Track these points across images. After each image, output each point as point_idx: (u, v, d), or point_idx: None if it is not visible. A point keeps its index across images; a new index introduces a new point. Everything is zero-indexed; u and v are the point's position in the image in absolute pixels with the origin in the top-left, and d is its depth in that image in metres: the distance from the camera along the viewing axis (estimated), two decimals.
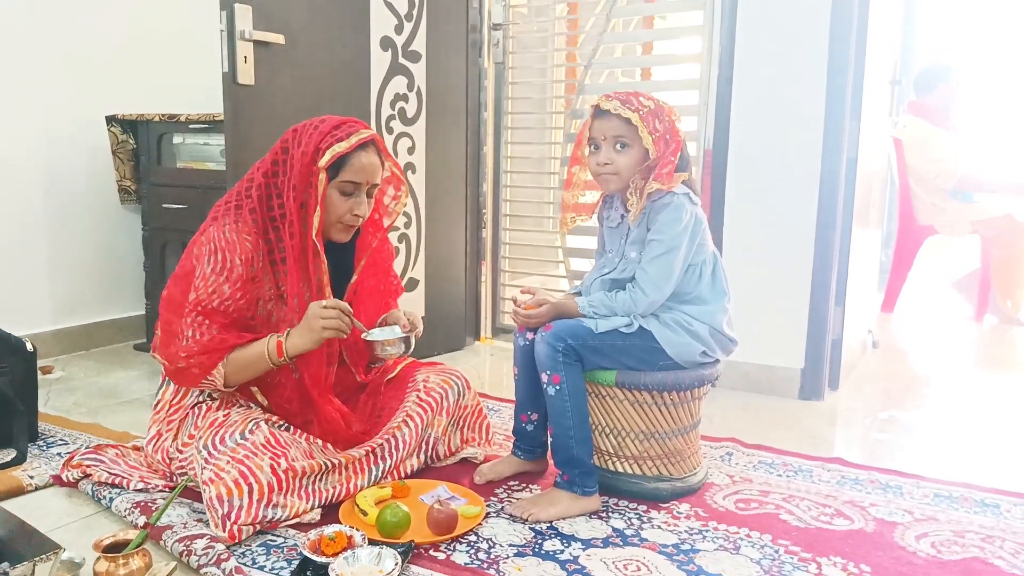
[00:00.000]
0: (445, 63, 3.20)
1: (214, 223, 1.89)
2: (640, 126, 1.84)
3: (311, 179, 1.84)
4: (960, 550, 1.73)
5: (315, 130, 1.86)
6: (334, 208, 1.89)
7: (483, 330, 3.62)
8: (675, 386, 1.92)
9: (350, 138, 1.85)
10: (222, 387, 1.86)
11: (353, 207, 1.90)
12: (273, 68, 2.51)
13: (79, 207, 3.24)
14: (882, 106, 3.34)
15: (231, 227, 1.86)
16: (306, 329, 1.81)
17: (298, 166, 1.84)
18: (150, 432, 1.99)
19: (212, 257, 1.84)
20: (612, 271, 1.98)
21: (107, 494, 1.87)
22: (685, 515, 1.88)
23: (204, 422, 1.85)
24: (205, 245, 1.86)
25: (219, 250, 1.84)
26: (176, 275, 1.92)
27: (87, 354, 3.26)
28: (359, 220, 1.93)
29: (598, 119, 1.90)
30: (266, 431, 1.80)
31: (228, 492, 1.66)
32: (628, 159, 1.88)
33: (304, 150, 1.84)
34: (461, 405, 2.14)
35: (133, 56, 3.34)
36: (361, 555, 1.55)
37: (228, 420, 1.82)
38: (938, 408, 2.84)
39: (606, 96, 1.90)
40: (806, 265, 2.75)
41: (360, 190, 1.90)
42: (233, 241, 1.85)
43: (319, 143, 1.84)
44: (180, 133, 3.13)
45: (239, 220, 1.87)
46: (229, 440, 1.75)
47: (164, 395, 2.00)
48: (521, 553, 1.68)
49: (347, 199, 1.89)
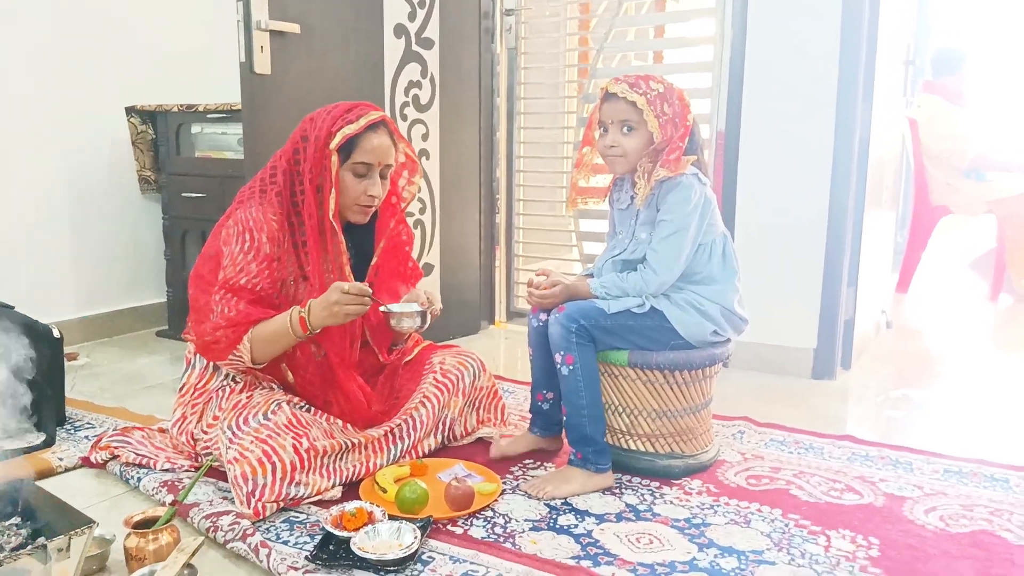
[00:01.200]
0: (458, 49, 3.22)
1: (240, 206, 1.95)
2: (646, 110, 1.87)
3: (325, 162, 1.89)
4: (968, 523, 1.76)
5: (328, 115, 1.92)
6: (349, 190, 1.93)
7: (498, 314, 3.66)
8: (686, 365, 1.95)
9: (359, 120, 1.90)
10: (251, 363, 1.90)
11: (367, 188, 1.94)
12: (289, 57, 2.54)
13: (101, 197, 3.30)
14: (896, 86, 3.34)
15: (257, 209, 1.92)
16: (329, 313, 1.83)
17: (312, 150, 1.89)
18: (175, 415, 2.04)
19: (240, 237, 1.90)
20: (623, 252, 2.01)
21: (135, 474, 1.92)
22: (697, 491, 1.91)
23: (228, 404, 1.91)
24: (233, 227, 1.92)
25: (246, 230, 1.90)
26: (204, 255, 1.98)
27: (111, 341, 3.32)
28: (374, 201, 1.97)
29: (607, 102, 1.93)
30: (288, 412, 1.84)
31: (252, 471, 1.71)
32: (634, 142, 1.91)
33: (318, 134, 1.89)
34: (477, 386, 2.18)
35: (151, 47, 3.39)
36: (381, 530, 1.59)
37: (251, 402, 1.87)
38: (951, 387, 2.85)
39: (616, 79, 1.92)
40: (819, 246, 2.77)
41: (373, 171, 1.94)
42: (260, 220, 1.90)
43: (331, 126, 1.89)
44: (198, 123, 3.17)
45: (264, 203, 1.93)
46: (252, 421, 1.80)
47: (189, 379, 2.06)
48: (536, 527, 1.72)
49: (361, 180, 1.93)
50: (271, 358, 1.92)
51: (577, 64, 3.92)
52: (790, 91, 2.75)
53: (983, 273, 4.57)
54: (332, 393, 1.99)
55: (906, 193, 4.72)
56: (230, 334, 1.86)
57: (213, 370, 2.04)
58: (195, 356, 2.07)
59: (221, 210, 3.02)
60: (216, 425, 1.90)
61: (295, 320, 1.85)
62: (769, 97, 2.79)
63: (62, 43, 3.09)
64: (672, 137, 1.89)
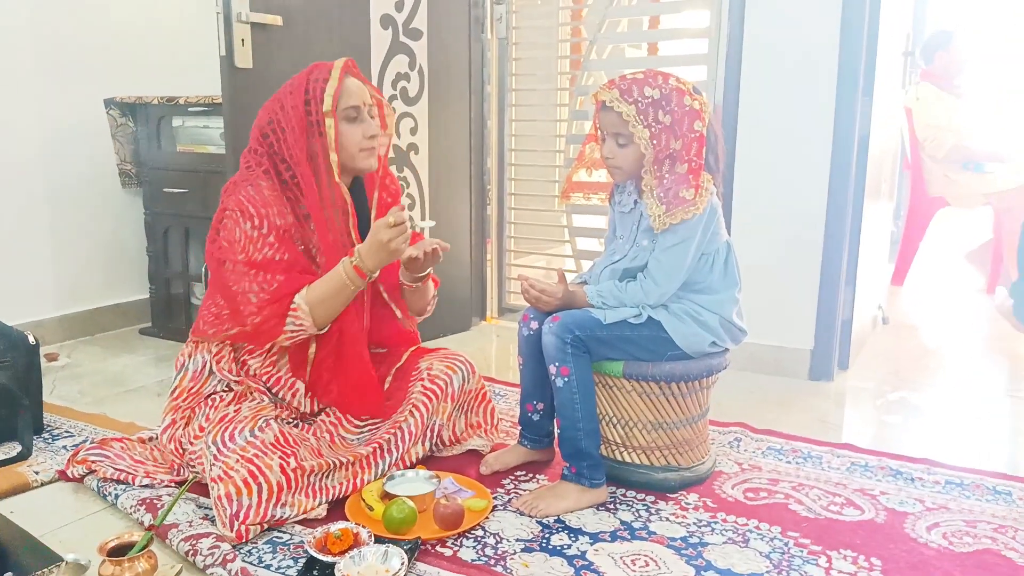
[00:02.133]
0: (447, 40, 3.14)
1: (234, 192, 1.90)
2: (633, 121, 1.77)
3: (312, 129, 1.86)
4: (972, 541, 1.72)
5: (291, 94, 1.89)
6: (348, 139, 1.90)
7: (489, 310, 3.60)
8: (683, 377, 1.89)
9: (331, 74, 1.88)
10: (314, 328, 1.87)
11: (364, 130, 1.92)
12: (271, 50, 2.46)
13: (80, 192, 3.22)
14: (895, 78, 3.27)
15: (255, 188, 1.88)
16: (382, 251, 1.82)
17: (293, 126, 1.86)
18: (164, 420, 1.98)
19: (246, 219, 1.87)
20: (623, 258, 1.93)
21: (112, 490, 1.85)
22: (693, 506, 1.86)
23: (215, 415, 1.84)
24: (234, 213, 1.87)
25: (250, 211, 1.86)
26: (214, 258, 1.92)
27: (92, 340, 3.26)
28: (375, 141, 1.95)
29: (601, 111, 1.85)
30: (276, 429, 1.79)
31: (237, 491, 1.65)
32: (629, 155, 1.83)
33: (294, 107, 1.86)
34: (466, 390, 2.12)
35: (131, 37, 3.30)
36: (367, 554, 1.54)
37: (238, 416, 1.81)
38: (948, 387, 2.81)
39: (609, 84, 1.82)
40: (816, 245, 2.71)
41: (362, 113, 1.92)
42: (263, 200, 1.87)
43: (305, 97, 1.86)
44: (179, 116, 3.09)
45: (259, 181, 1.90)
46: (239, 438, 1.74)
47: (182, 382, 2.00)
48: (528, 548, 1.67)
49: (355, 125, 1.91)
50: (333, 319, 1.90)
51: (570, 55, 3.84)
52: (788, 85, 2.68)
53: (980, 266, 4.52)
54: (342, 373, 1.96)
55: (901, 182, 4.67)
56: (276, 309, 1.83)
57: (208, 374, 1.99)
58: (189, 359, 2.01)
59: (204, 205, 3.03)
60: (202, 437, 1.84)
61: (350, 271, 1.83)
62: (766, 91, 2.72)
63: (40, 33, 3.00)
64: (668, 146, 1.78)
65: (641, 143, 1.78)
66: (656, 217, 1.79)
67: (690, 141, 1.79)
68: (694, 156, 1.79)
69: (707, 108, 1.83)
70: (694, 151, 1.79)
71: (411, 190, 3.07)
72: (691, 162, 1.79)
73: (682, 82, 1.82)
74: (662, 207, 1.79)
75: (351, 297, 1.89)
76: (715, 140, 1.87)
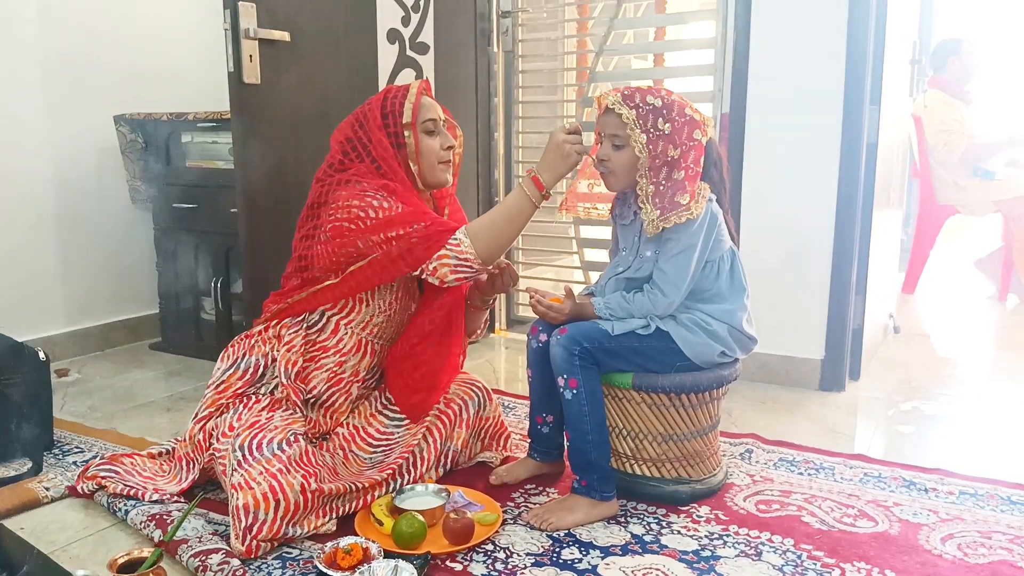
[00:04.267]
0: (454, 53, 3.15)
1: (348, 196, 1.86)
2: (631, 123, 1.78)
3: (392, 141, 1.90)
4: (987, 552, 1.70)
5: (368, 112, 1.93)
6: (430, 150, 1.94)
7: (498, 322, 3.59)
8: (693, 387, 1.88)
9: (409, 91, 1.94)
10: (478, 263, 1.82)
11: (442, 142, 1.96)
12: (279, 66, 2.47)
13: (90, 207, 3.23)
14: (902, 86, 3.26)
15: (360, 189, 1.87)
16: (557, 157, 1.83)
17: (379, 138, 1.90)
18: (202, 411, 1.92)
19: (375, 199, 1.84)
20: (627, 269, 1.93)
21: (122, 506, 1.85)
22: (705, 519, 1.85)
23: (246, 418, 1.81)
24: (353, 203, 1.84)
25: (371, 196, 1.85)
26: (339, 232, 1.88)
27: (102, 355, 3.26)
28: (451, 153, 1.99)
29: (603, 114, 1.85)
30: (303, 446, 1.76)
31: (255, 504, 1.63)
32: (623, 158, 1.83)
33: (373, 120, 1.91)
34: (482, 417, 2.11)
35: (140, 54, 3.32)
36: (377, 569, 1.52)
37: (269, 424, 1.78)
38: (961, 397, 2.78)
39: (613, 90, 1.84)
40: (825, 254, 2.70)
41: (439, 126, 1.97)
42: (371, 193, 1.86)
43: (383, 111, 1.92)
44: (188, 132, 3.10)
45: (362, 182, 1.89)
46: (266, 449, 1.71)
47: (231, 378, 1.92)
48: (539, 563, 1.66)
49: (433, 137, 1.95)
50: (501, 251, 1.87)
51: (576, 67, 3.84)
52: (795, 94, 2.68)
53: (991, 273, 4.49)
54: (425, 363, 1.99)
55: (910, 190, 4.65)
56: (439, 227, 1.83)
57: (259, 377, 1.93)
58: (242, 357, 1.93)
59: (213, 220, 3.03)
60: (230, 436, 1.79)
61: (528, 185, 1.84)
62: (773, 100, 2.71)
63: (50, 50, 3.02)
64: (665, 153, 1.78)
65: (636, 146, 1.78)
66: (651, 221, 1.79)
67: (688, 149, 1.79)
68: (691, 163, 1.80)
69: (709, 123, 1.85)
70: (692, 159, 1.80)
71: None
72: (688, 169, 1.79)
73: (685, 99, 1.84)
74: (656, 212, 1.78)
75: (526, 220, 1.86)
76: (718, 158, 1.89)
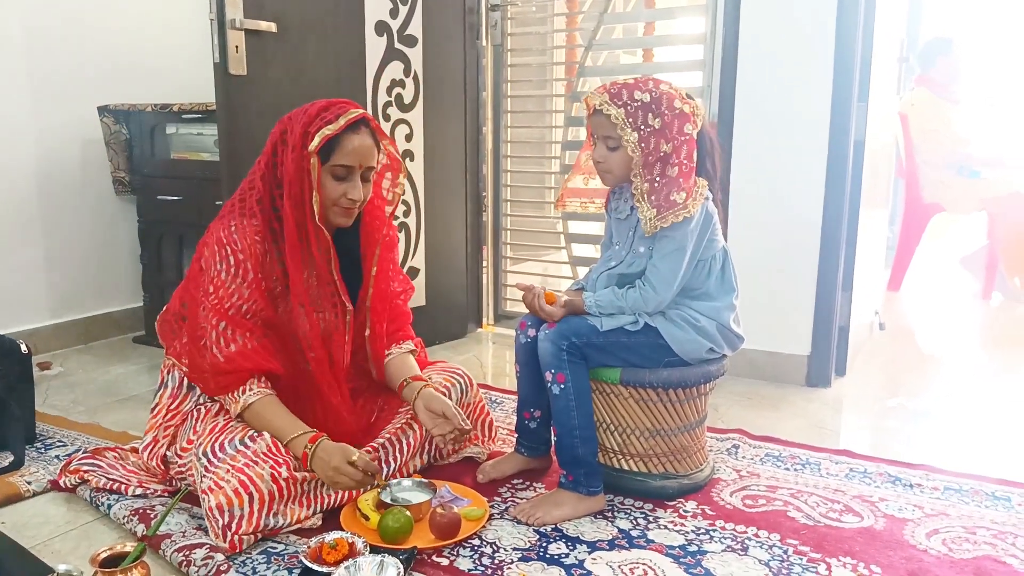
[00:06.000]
0: (442, 47, 3.12)
1: (220, 221, 1.85)
2: (621, 123, 1.76)
3: (303, 164, 1.78)
4: (972, 547, 1.70)
5: (304, 114, 1.81)
6: (328, 192, 1.82)
7: (485, 317, 3.58)
8: (681, 383, 1.88)
9: (339, 119, 1.78)
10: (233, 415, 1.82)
11: (347, 191, 1.83)
12: (265, 57, 2.44)
13: (74, 199, 3.20)
14: (890, 84, 3.27)
15: (237, 225, 1.82)
16: (325, 470, 1.73)
17: (290, 152, 1.79)
18: (146, 438, 1.95)
19: (224, 260, 1.81)
20: (619, 264, 1.92)
21: (105, 500, 1.83)
22: (692, 514, 1.85)
23: (203, 427, 1.81)
24: (215, 248, 1.82)
25: (230, 254, 1.81)
26: (190, 275, 1.89)
27: (85, 348, 3.23)
28: (355, 204, 1.86)
29: (593, 115, 1.84)
30: (268, 439, 1.75)
31: (228, 502, 1.62)
32: (619, 159, 1.82)
33: (294, 135, 1.79)
34: (464, 403, 2.10)
35: (125, 45, 3.28)
36: (363, 564, 1.51)
37: (228, 426, 1.78)
38: (946, 393, 2.80)
39: (600, 89, 1.82)
40: (812, 250, 2.70)
41: (353, 174, 1.83)
42: (240, 239, 1.81)
43: (307, 126, 1.79)
44: (173, 123, 3.07)
45: (244, 214, 1.84)
46: (229, 447, 1.71)
47: (162, 398, 1.96)
48: (526, 557, 1.65)
49: (341, 183, 1.83)
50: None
51: (565, 61, 3.83)
52: (784, 90, 2.68)
53: (975, 271, 4.52)
54: (309, 401, 1.90)
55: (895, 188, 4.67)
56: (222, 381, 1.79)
57: (188, 389, 1.95)
58: (168, 374, 1.97)
59: (198, 213, 3.01)
60: (190, 449, 1.81)
61: (296, 448, 1.75)
62: (762, 97, 2.71)
63: (33, 41, 2.98)
64: (657, 149, 1.76)
65: (629, 146, 1.77)
66: (647, 220, 1.78)
67: (680, 144, 1.77)
68: (685, 159, 1.78)
69: (700, 113, 1.82)
70: (684, 154, 1.78)
71: (406, 197, 3.05)
72: (682, 165, 1.78)
73: (674, 88, 1.82)
74: (653, 210, 1.77)
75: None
76: (711, 147, 1.87)
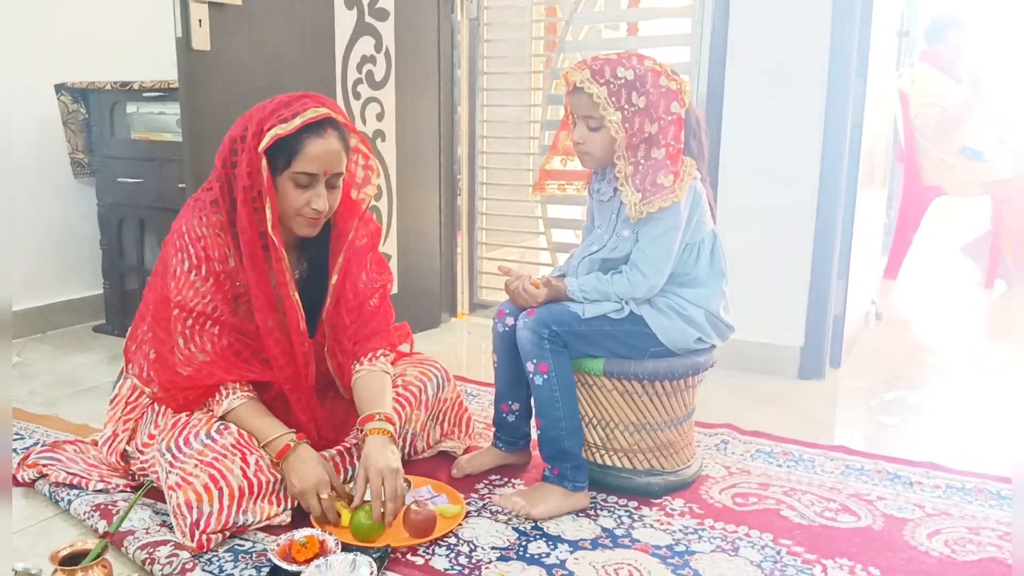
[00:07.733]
0: (415, 20, 3.01)
1: (183, 217, 1.73)
2: (603, 103, 1.66)
3: (254, 165, 1.63)
4: (976, 549, 1.62)
5: (262, 110, 1.65)
6: (289, 201, 1.66)
7: (460, 305, 3.48)
8: (667, 375, 1.79)
9: (294, 119, 1.61)
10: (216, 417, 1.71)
11: (310, 201, 1.66)
12: (229, 31, 2.33)
13: (30, 182, 3.07)
14: (889, 60, 3.17)
15: (199, 220, 1.70)
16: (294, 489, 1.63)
17: (246, 152, 1.64)
18: (105, 432, 1.86)
19: (185, 257, 1.69)
20: (602, 249, 1.81)
21: (65, 495, 1.75)
22: (679, 512, 1.76)
23: (165, 421, 1.71)
24: (176, 241, 1.70)
25: (189, 245, 1.69)
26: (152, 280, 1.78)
27: (43, 337, 3.12)
28: (320, 215, 1.69)
29: (572, 93, 1.73)
30: (235, 432, 1.66)
31: (198, 498, 1.54)
32: (600, 139, 1.72)
33: (252, 132, 1.63)
34: (440, 398, 2.00)
35: (82, 19, 3.14)
36: (334, 562, 1.46)
37: (192, 418, 1.68)
38: (945, 387, 2.71)
39: (580, 65, 1.71)
40: (807, 237, 2.61)
41: (317, 181, 1.66)
42: (203, 236, 1.69)
43: (262, 123, 1.63)
44: (134, 102, 2.94)
45: (205, 211, 1.71)
46: (195, 441, 1.61)
47: (121, 390, 1.87)
48: (504, 557, 1.58)
49: (304, 191, 1.66)
50: None
51: (544, 36, 3.71)
52: (777, 67, 2.58)
53: (977, 258, 4.42)
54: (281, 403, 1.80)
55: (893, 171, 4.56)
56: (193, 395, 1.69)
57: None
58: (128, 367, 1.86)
59: (160, 196, 2.90)
60: (152, 445, 1.71)
61: (271, 452, 1.66)
62: (754, 73, 2.61)
63: None
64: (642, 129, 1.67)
65: (612, 127, 1.68)
66: (632, 205, 1.69)
67: (667, 124, 1.68)
68: (672, 140, 1.69)
69: (686, 90, 1.72)
70: (671, 135, 1.69)
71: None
72: (669, 146, 1.69)
73: (660, 64, 1.72)
74: (638, 195, 1.69)
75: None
76: (696, 125, 1.78)
